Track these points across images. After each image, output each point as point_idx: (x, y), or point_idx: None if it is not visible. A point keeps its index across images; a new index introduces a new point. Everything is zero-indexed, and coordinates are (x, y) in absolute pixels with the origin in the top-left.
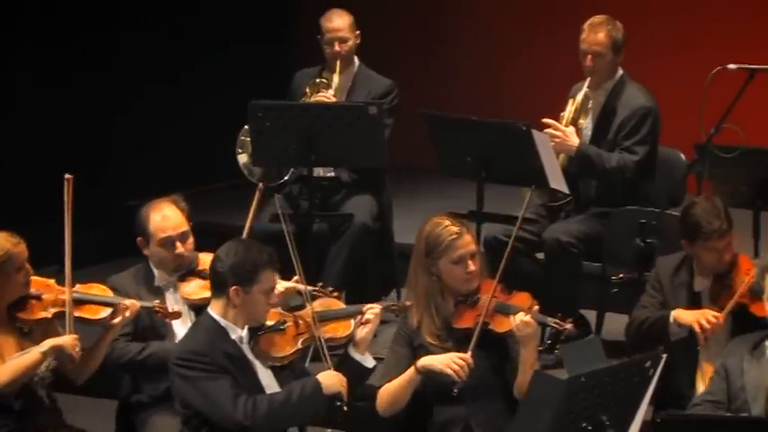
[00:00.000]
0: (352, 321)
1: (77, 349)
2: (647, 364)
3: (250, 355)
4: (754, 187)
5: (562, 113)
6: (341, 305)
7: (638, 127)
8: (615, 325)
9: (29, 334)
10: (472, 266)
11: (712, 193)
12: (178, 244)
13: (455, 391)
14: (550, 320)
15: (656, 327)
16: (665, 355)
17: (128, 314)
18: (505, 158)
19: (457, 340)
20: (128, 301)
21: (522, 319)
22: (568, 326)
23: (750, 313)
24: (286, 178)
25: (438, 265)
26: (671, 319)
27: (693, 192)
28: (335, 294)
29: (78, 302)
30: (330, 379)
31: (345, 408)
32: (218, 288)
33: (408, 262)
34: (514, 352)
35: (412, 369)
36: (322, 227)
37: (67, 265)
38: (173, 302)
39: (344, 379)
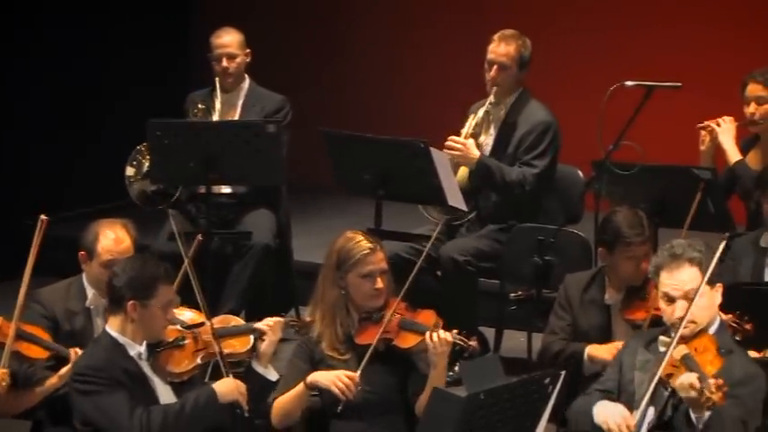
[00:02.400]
0: (252, 337)
1: (3, 384)
2: (546, 381)
3: (149, 372)
4: (651, 204)
5: (462, 129)
6: (240, 321)
7: (538, 141)
8: (514, 342)
9: None
10: (380, 284)
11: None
12: None
13: (339, 408)
14: (457, 337)
15: (571, 362)
16: (563, 372)
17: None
18: (403, 176)
19: (357, 355)
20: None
21: (438, 335)
22: (473, 343)
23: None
24: (177, 195)
25: (347, 279)
26: (585, 356)
27: (591, 209)
28: None
29: (21, 339)
30: (225, 387)
31: (246, 414)
32: (116, 303)
33: (307, 280)
34: (419, 369)
35: (302, 384)
36: (220, 245)
37: (20, 299)
38: (99, 329)
39: (242, 385)
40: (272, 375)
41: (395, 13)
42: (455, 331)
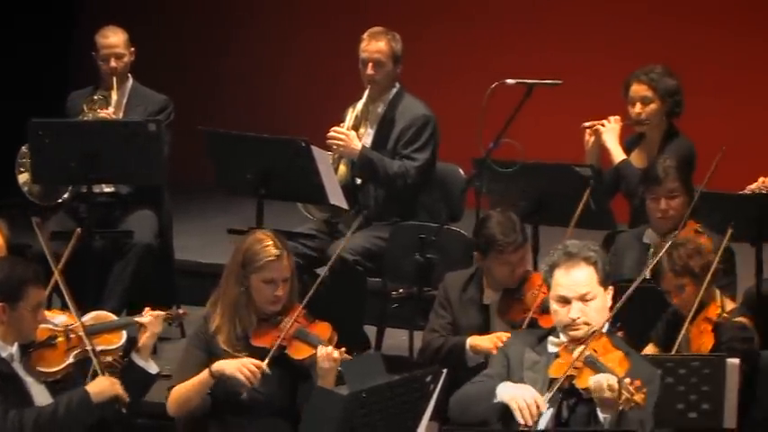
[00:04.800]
0: (125, 332)
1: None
2: (428, 379)
3: (22, 373)
4: (532, 202)
5: (342, 123)
6: (114, 318)
7: (417, 135)
8: (395, 340)
9: None
10: (281, 291)
11: (490, 208)
12: None
13: (244, 395)
14: (345, 356)
15: (453, 354)
16: (445, 370)
17: None
18: (285, 174)
19: (251, 355)
20: None
21: (327, 351)
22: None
23: (538, 328)
24: (65, 196)
25: (249, 280)
26: (467, 347)
27: (472, 207)
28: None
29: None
30: (99, 386)
31: (123, 410)
32: None
33: (189, 279)
34: (312, 378)
35: (206, 371)
36: (103, 244)
37: None
38: None
39: (117, 382)
40: (153, 368)
41: (276, 13)
42: (343, 349)
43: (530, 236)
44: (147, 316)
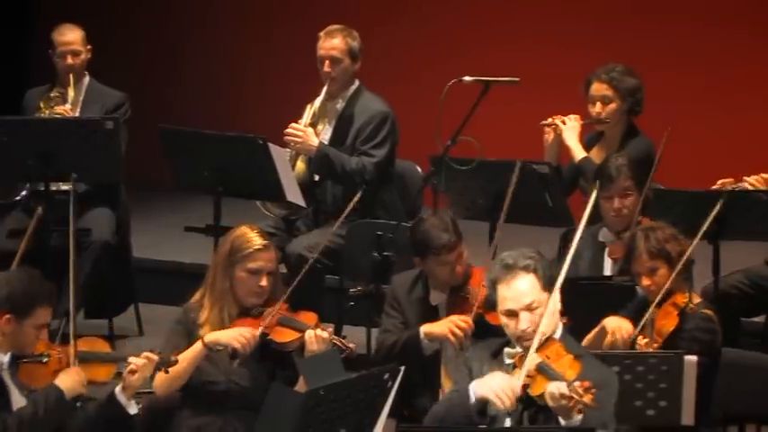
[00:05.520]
0: (114, 370)
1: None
2: (386, 376)
3: (8, 381)
4: (490, 199)
5: (300, 120)
6: (106, 347)
7: (375, 131)
8: (353, 338)
9: None
10: (264, 282)
11: (448, 205)
12: None
13: (237, 361)
14: (336, 338)
15: (409, 346)
16: (402, 368)
17: None
18: (243, 172)
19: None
20: None
21: (317, 333)
22: (352, 345)
23: (486, 323)
24: (23, 194)
25: (234, 271)
26: (421, 335)
27: (430, 204)
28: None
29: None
30: (71, 381)
31: (79, 404)
32: None
33: (147, 276)
34: (290, 368)
35: (198, 343)
36: (60, 242)
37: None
38: None
39: (83, 375)
40: (132, 409)
41: (235, 11)
42: (332, 330)
43: (487, 233)
44: (142, 358)
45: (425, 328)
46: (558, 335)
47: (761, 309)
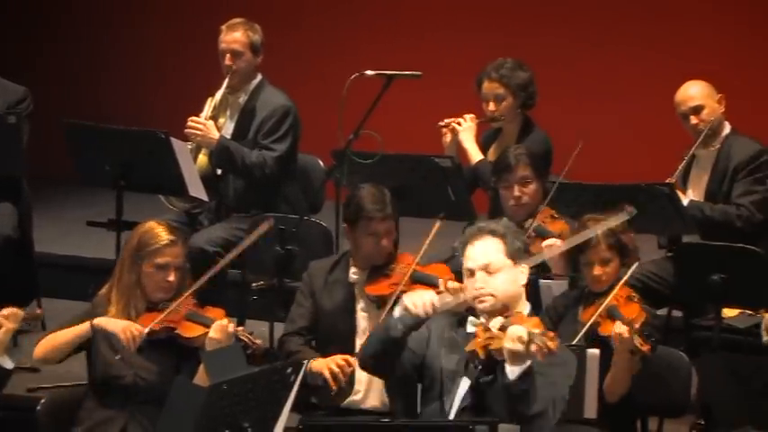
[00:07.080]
0: None
1: None
2: (289, 370)
3: None
4: (392, 193)
5: (200, 114)
6: None
7: (277, 125)
8: (256, 332)
9: None
10: (172, 277)
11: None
12: None
13: (118, 357)
14: (243, 333)
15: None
16: (306, 362)
17: None
18: (145, 166)
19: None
20: None
21: (221, 324)
22: (259, 341)
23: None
24: None
25: (142, 266)
26: (306, 367)
27: (333, 198)
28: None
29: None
30: None
31: None
32: None
33: (49, 271)
34: (194, 361)
35: (86, 324)
36: None
37: None
38: None
39: None
40: (8, 364)
41: (135, 5)
42: (242, 329)
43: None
44: (5, 312)
45: (313, 364)
46: (525, 312)
47: (663, 302)
